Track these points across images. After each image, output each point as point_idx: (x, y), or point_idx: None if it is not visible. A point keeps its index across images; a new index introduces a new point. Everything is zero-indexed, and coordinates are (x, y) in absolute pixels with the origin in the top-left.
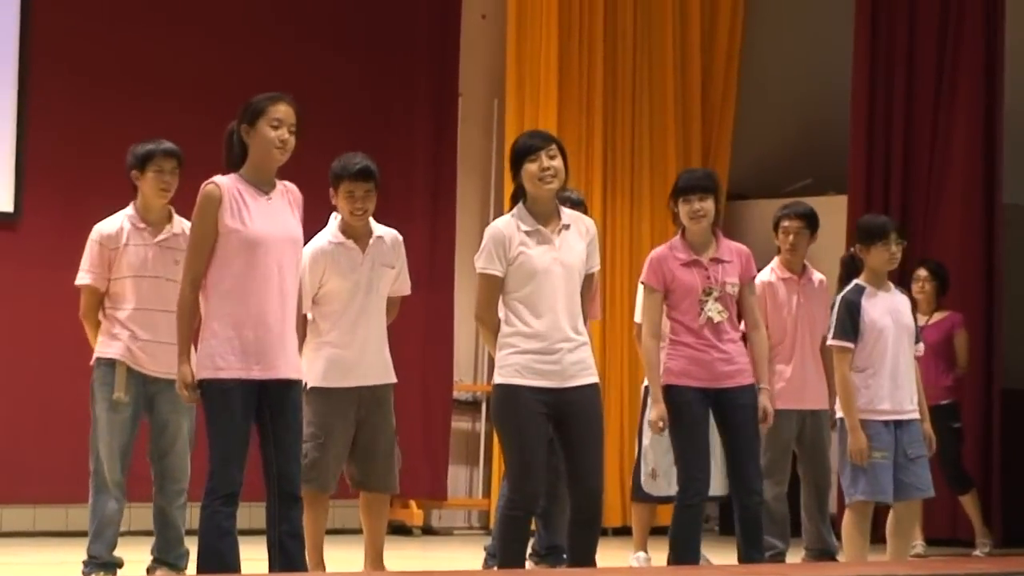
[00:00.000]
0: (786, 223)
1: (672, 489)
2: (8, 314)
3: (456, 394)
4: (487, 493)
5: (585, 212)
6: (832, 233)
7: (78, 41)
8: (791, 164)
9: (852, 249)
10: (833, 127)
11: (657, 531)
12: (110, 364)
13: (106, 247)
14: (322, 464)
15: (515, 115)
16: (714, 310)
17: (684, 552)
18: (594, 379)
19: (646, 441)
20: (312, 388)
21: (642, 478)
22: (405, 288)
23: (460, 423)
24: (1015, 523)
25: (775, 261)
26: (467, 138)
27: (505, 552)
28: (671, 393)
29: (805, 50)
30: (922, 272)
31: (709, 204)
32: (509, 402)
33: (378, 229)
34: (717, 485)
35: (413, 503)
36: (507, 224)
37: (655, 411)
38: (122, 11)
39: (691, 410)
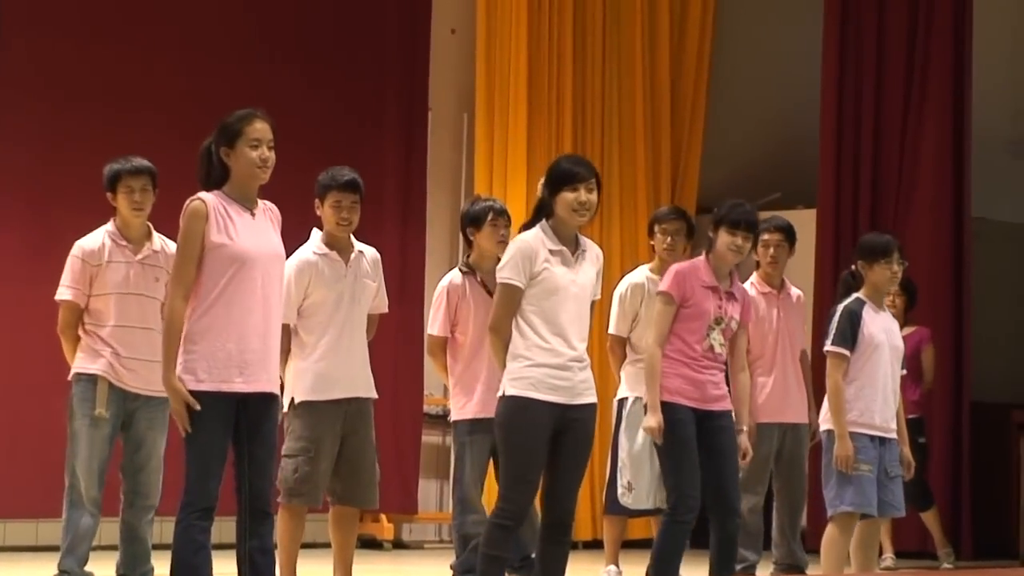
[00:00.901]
0: (766, 236)
1: (648, 503)
2: None
3: (426, 408)
4: None
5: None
6: (801, 247)
7: (48, 57)
8: (760, 178)
9: (853, 267)
10: (802, 141)
11: (628, 544)
12: (91, 380)
13: (88, 263)
14: (313, 478)
15: (485, 129)
16: (717, 341)
17: (667, 567)
18: (595, 399)
19: (622, 454)
20: (301, 402)
21: (618, 491)
22: (383, 305)
23: (430, 437)
24: (984, 535)
25: (754, 276)
26: (437, 153)
27: (488, 561)
28: (665, 410)
29: (774, 65)
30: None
31: (749, 245)
32: (520, 414)
33: (358, 244)
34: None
35: (384, 517)
36: (534, 239)
37: (655, 419)
38: (93, 28)
39: (684, 428)
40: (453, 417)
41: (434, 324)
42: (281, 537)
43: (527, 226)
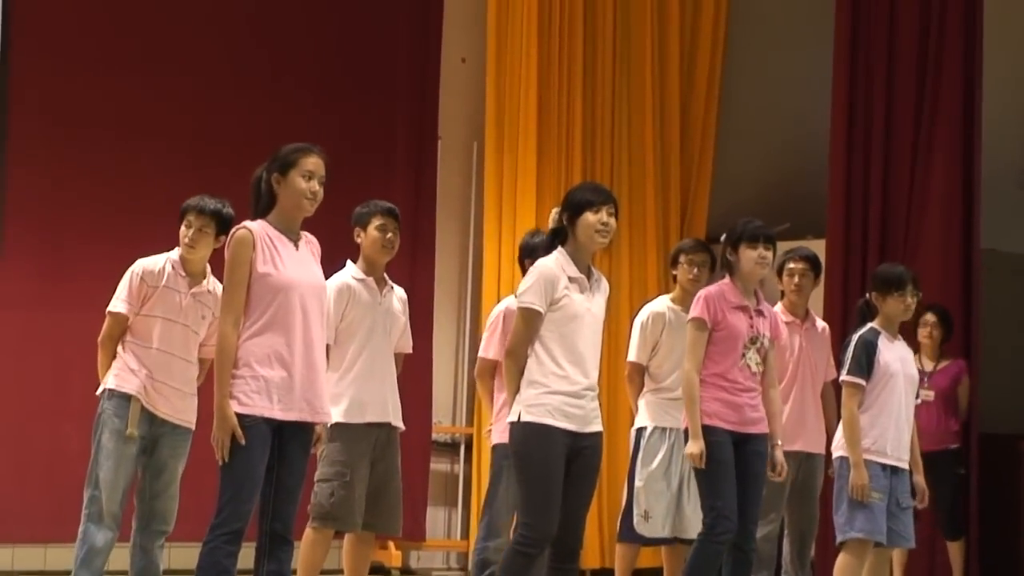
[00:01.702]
0: (791, 265)
1: (664, 531)
2: None
3: (435, 436)
4: (465, 535)
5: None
6: None
7: (59, 84)
8: (770, 208)
9: (868, 296)
10: (811, 172)
11: (639, 573)
12: (125, 398)
13: (146, 282)
14: (349, 502)
15: (494, 158)
16: (753, 360)
17: None
18: (601, 428)
19: (639, 483)
20: (335, 424)
21: (634, 519)
22: (407, 345)
23: (439, 465)
24: (992, 567)
25: (778, 305)
26: (446, 181)
27: None
28: (704, 432)
29: (784, 95)
30: (930, 317)
31: (771, 255)
32: (541, 441)
33: (389, 281)
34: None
35: (392, 544)
36: (556, 264)
37: (697, 446)
38: (104, 55)
39: (723, 450)
40: (494, 440)
41: (488, 348)
42: (303, 561)
43: (541, 253)
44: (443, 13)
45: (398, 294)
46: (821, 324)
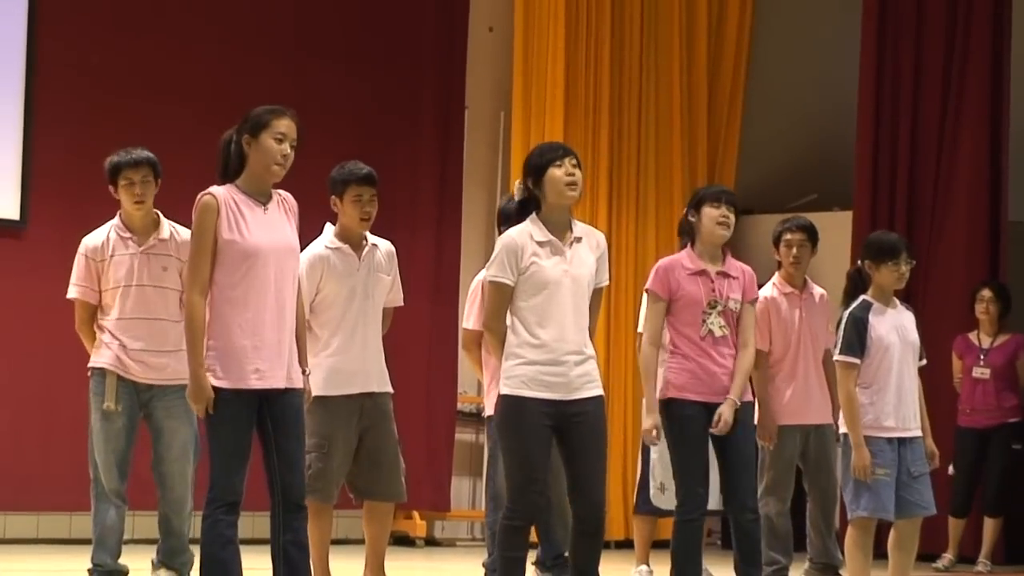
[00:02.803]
0: (788, 236)
1: None
2: (13, 322)
3: (460, 406)
4: None
5: None
6: (837, 249)
7: (84, 50)
8: (796, 179)
9: (859, 263)
10: (839, 143)
11: (659, 544)
12: (101, 373)
13: (92, 260)
14: (326, 474)
15: (521, 128)
16: (716, 324)
17: (686, 566)
18: (599, 392)
19: (654, 455)
20: (314, 397)
21: (651, 492)
22: (398, 299)
23: (463, 435)
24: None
25: (776, 276)
26: (473, 151)
27: (505, 562)
28: (672, 407)
29: (811, 66)
30: (986, 293)
31: (733, 217)
32: (514, 413)
33: (371, 238)
34: (716, 500)
35: (416, 514)
36: (520, 233)
37: (649, 420)
38: (129, 20)
39: (692, 424)
40: (487, 412)
41: (469, 318)
42: (310, 533)
43: (513, 223)
44: None
45: (383, 249)
46: (819, 292)
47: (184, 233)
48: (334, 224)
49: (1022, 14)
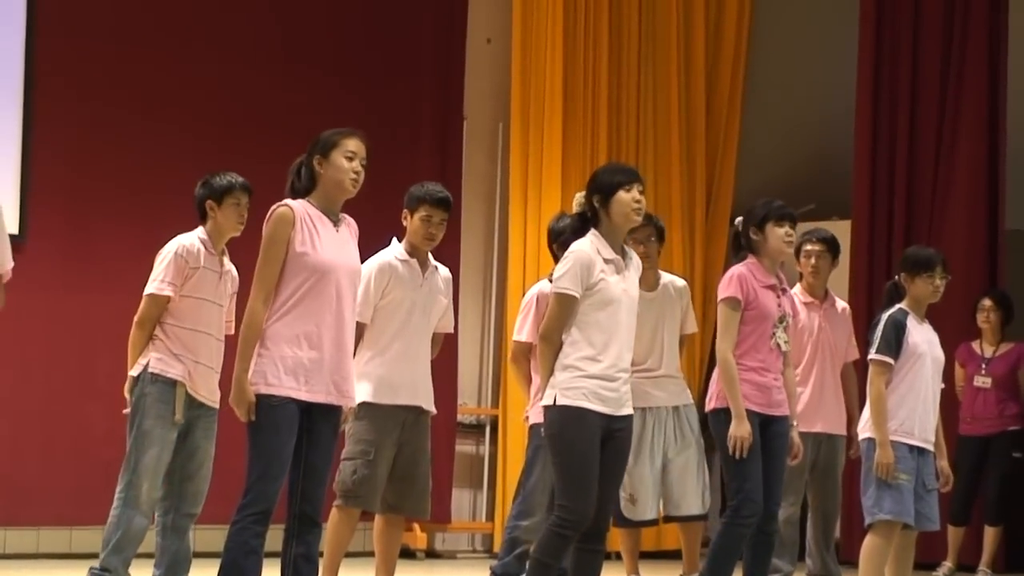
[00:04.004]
0: (808, 247)
1: (651, 513)
2: (13, 336)
3: (460, 417)
4: (491, 517)
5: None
6: None
7: (84, 63)
8: (795, 189)
9: (896, 277)
10: (837, 153)
11: (646, 555)
12: (170, 383)
13: (188, 263)
14: (371, 481)
15: (520, 139)
16: (782, 338)
17: (721, 566)
18: (632, 411)
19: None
20: (362, 403)
21: (621, 504)
22: (449, 325)
23: (464, 447)
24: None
25: (797, 286)
26: (472, 162)
27: (540, 567)
28: (730, 416)
29: (809, 76)
30: (987, 302)
31: (795, 236)
32: (576, 424)
33: (433, 261)
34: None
35: (417, 526)
36: (591, 247)
37: (744, 428)
38: (129, 34)
39: (752, 434)
40: (532, 420)
41: (521, 330)
42: (330, 540)
43: (570, 239)
44: None
45: (442, 274)
46: (841, 304)
47: (234, 269)
48: (399, 240)
49: (1019, 24)
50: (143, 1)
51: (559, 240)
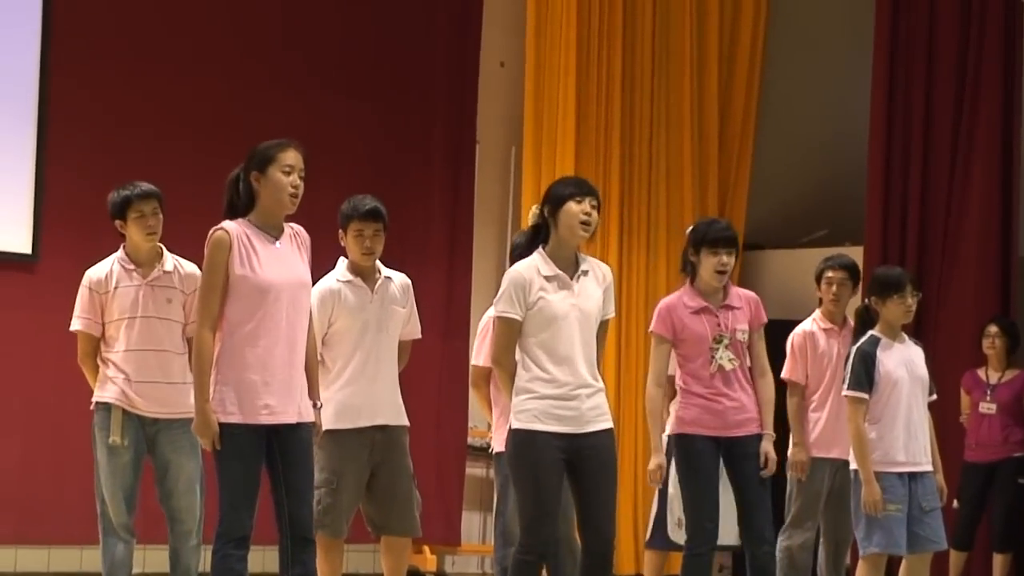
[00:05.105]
0: (830, 274)
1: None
2: (25, 355)
3: (470, 440)
4: None
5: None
6: None
7: (98, 84)
8: (807, 215)
9: (867, 301)
10: (850, 178)
11: None
12: (106, 408)
13: (96, 292)
14: (335, 509)
15: (532, 163)
16: (724, 358)
17: None
18: (609, 424)
19: (672, 489)
20: (324, 431)
21: (669, 527)
22: (415, 331)
23: (474, 469)
24: None
25: (817, 312)
26: (484, 185)
27: None
28: (683, 441)
29: (822, 102)
30: (992, 328)
31: (733, 259)
32: (526, 448)
33: (386, 271)
34: (729, 534)
35: (427, 548)
36: (527, 268)
37: (655, 461)
38: (142, 53)
39: (702, 459)
40: (496, 449)
41: (479, 355)
42: (320, 568)
43: (521, 256)
44: (482, 17)
45: (398, 282)
46: None
47: (187, 266)
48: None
49: None
50: (158, 19)
51: (513, 255)
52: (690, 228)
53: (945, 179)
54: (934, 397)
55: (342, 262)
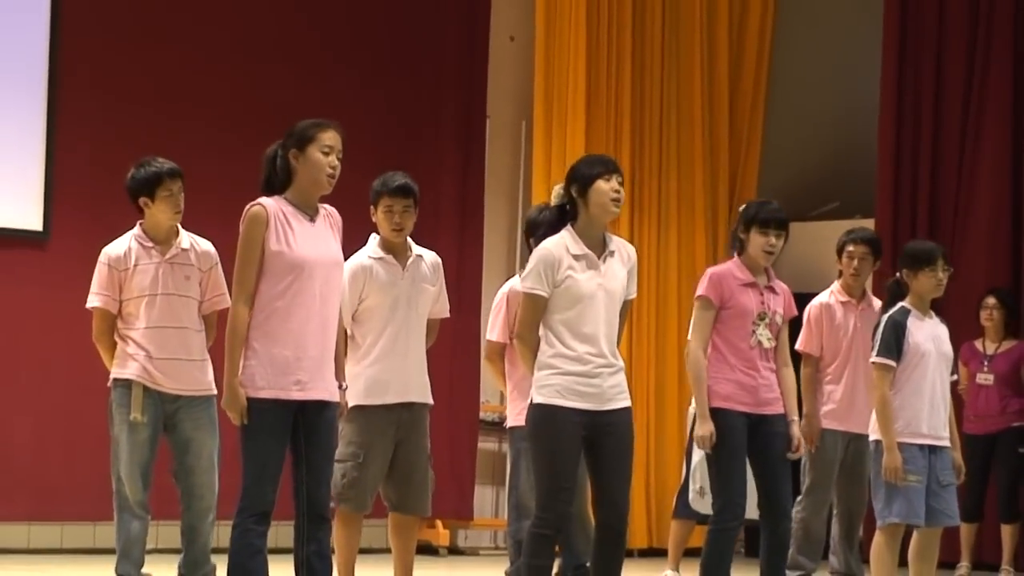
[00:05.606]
0: (851, 248)
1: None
2: (36, 333)
3: (482, 415)
4: None
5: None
6: None
7: (107, 61)
8: (818, 187)
9: (898, 274)
10: (861, 151)
11: (690, 552)
12: (126, 385)
13: (115, 269)
14: (361, 484)
15: (543, 137)
16: (764, 336)
17: (716, 574)
18: (628, 403)
19: (695, 459)
20: (353, 407)
21: (690, 495)
22: (444, 310)
23: (486, 444)
24: None
25: (835, 284)
26: (495, 160)
27: (532, 570)
28: (717, 416)
29: (833, 74)
30: (990, 300)
31: (782, 242)
32: (547, 422)
33: (417, 248)
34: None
35: (439, 523)
36: (556, 246)
37: (704, 428)
38: (152, 31)
39: (735, 435)
40: (510, 423)
41: (493, 330)
42: (337, 541)
43: (546, 235)
44: None
45: (428, 261)
46: (878, 304)
47: (203, 243)
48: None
49: None
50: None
51: (536, 234)
52: (742, 207)
53: (955, 150)
54: (955, 377)
55: (373, 239)
